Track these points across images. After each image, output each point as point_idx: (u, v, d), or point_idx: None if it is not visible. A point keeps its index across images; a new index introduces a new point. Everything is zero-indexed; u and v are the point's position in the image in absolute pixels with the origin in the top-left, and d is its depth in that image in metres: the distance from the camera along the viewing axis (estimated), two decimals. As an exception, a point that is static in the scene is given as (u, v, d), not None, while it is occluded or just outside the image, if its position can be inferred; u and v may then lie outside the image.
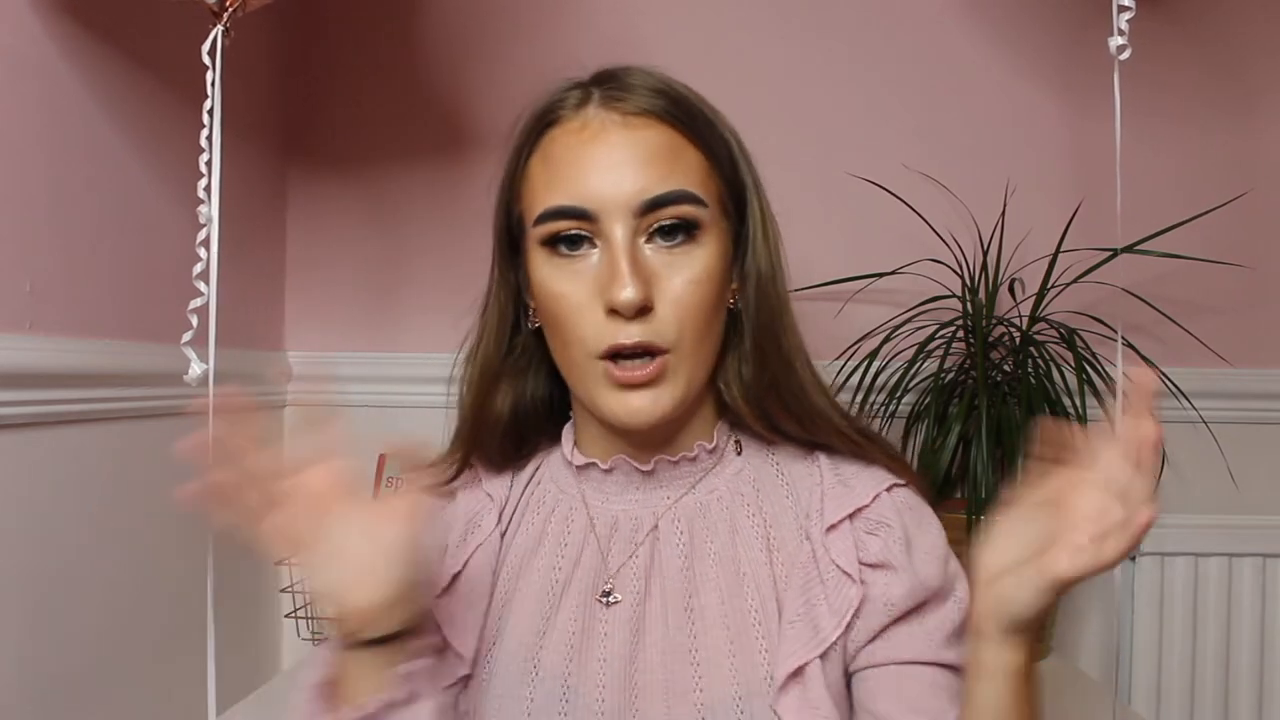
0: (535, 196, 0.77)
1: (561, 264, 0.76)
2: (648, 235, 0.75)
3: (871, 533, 0.78)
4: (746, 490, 0.82)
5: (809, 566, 0.77)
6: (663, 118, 0.76)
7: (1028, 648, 0.66)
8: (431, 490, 0.84)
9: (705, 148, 0.78)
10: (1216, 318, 1.60)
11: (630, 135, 0.75)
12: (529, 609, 0.80)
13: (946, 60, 1.64)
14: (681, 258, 0.75)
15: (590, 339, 0.74)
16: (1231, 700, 1.55)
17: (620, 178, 0.74)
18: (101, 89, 1.20)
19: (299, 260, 1.71)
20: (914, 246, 1.55)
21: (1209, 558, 1.55)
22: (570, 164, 0.75)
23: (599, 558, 0.80)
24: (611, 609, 0.78)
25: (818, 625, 0.75)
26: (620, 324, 0.73)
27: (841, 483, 0.80)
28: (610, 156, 0.74)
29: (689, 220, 0.75)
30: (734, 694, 0.74)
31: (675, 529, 0.80)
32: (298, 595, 1.50)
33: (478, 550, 0.82)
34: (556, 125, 0.77)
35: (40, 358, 1.07)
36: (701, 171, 0.77)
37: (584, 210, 0.74)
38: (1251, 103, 1.63)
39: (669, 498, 0.81)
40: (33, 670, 1.08)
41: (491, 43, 1.66)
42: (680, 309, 0.75)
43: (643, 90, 0.76)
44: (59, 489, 1.12)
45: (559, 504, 0.84)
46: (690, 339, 0.75)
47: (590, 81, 0.79)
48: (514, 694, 0.77)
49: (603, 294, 0.73)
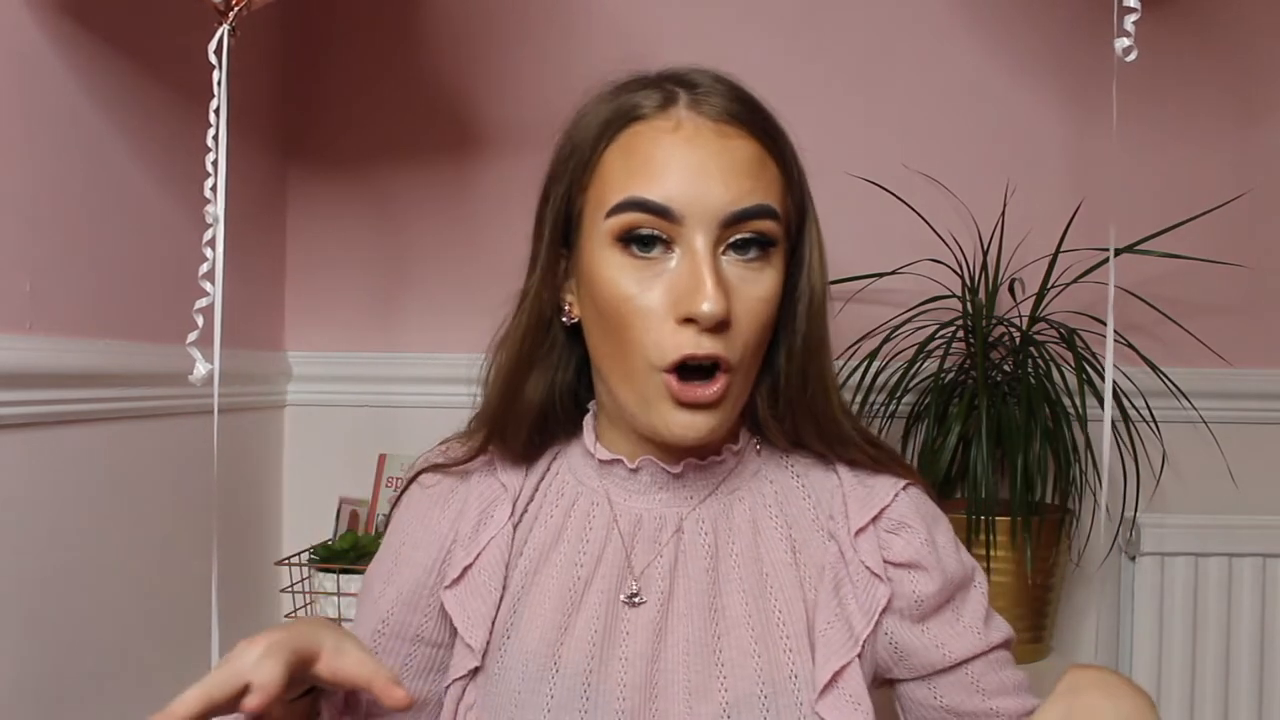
0: (612, 186, 0.74)
1: (633, 264, 0.73)
2: (725, 247, 0.73)
3: (893, 532, 0.80)
4: (767, 491, 0.82)
5: (838, 566, 0.79)
6: (750, 128, 0.75)
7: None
8: (444, 469, 0.84)
9: (782, 164, 0.77)
10: (1216, 318, 1.60)
11: (723, 143, 0.73)
12: (549, 604, 0.79)
13: (947, 60, 1.64)
14: (755, 274, 0.74)
15: (653, 348, 0.72)
16: (1231, 700, 1.55)
17: (711, 185, 0.72)
18: (101, 89, 1.20)
19: (299, 260, 1.71)
20: (914, 246, 1.55)
21: (1209, 558, 1.55)
22: (661, 162, 0.73)
23: (622, 556, 0.79)
24: (635, 609, 0.78)
25: (851, 625, 0.77)
26: (693, 335, 0.71)
27: (861, 484, 0.82)
28: (704, 161, 0.72)
29: (767, 236, 0.74)
30: (759, 692, 0.75)
31: (699, 529, 0.80)
32: (298, 595, 1.50)
33: (491, 543, 0.81)
34: (642, 121, 0.75)
35: (40, 358, 1.07)
36: (780, 187, 0.76)
37: (669, 209, 0.72)
38: (1251, 103, 1.63)
39: (693, 498, 0.81)
40: (32, 670, 1.08)
41: (494, 42, 1.65)
42: (750, 326, 0.74)
43: (726, 96, 0.75)
44: (59, 489, 1.12)
45: (579, 497, 0.83)
46: (750, 358, 0.75)
47: (662, 80, 0.77)
48: (534, 690, 0.76)
49: (679, 303, 0.71)
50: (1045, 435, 1.39)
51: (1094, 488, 1.51)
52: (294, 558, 1.52)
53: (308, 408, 1.69)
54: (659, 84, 0.76)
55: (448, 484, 0.85)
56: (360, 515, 1.61)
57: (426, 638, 0.83)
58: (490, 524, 0.82)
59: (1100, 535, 1.54)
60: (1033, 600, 1.42)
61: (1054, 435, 1.40)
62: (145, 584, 1.28)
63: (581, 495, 0.83)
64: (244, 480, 1.56)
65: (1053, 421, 1.40)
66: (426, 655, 0.83)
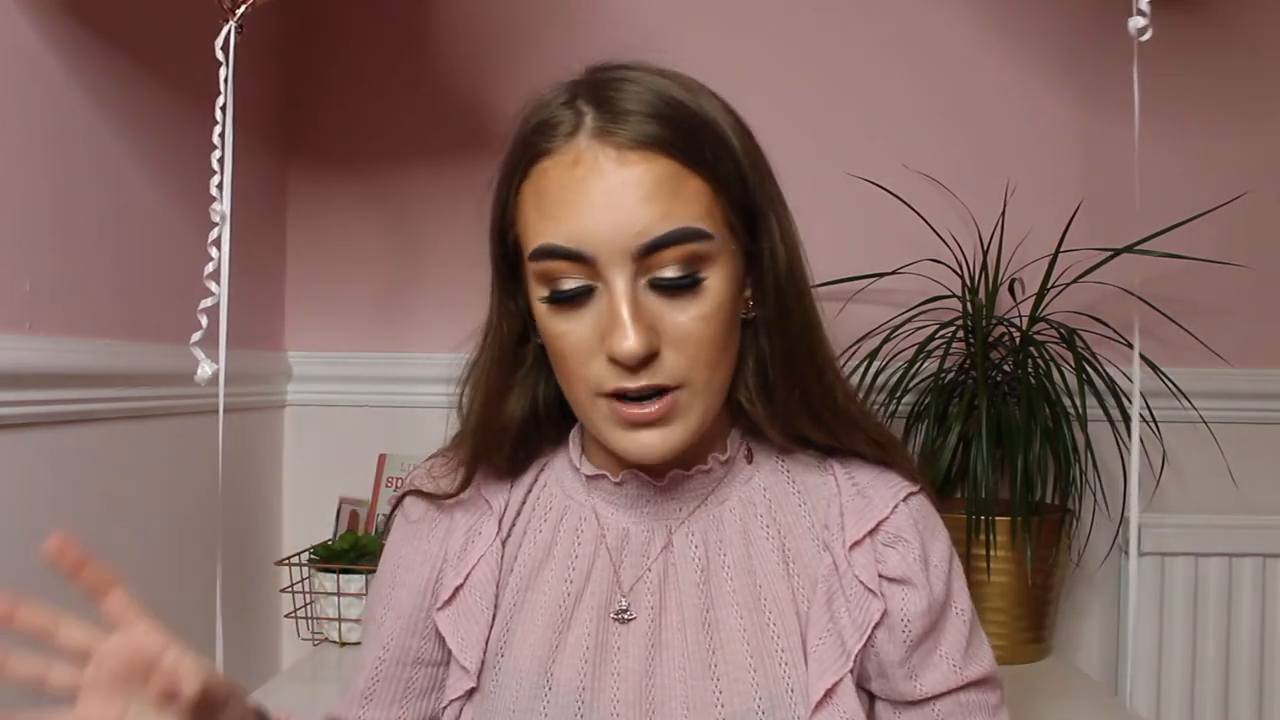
0: (529, 229, 0.72)
1: (560, 304, 0.72)
2: (650, 277, 0.70)
3: (890, 545, 0.78)
4: (759, 499, 0.80)
5: (831, 578, 0.77)
6: (661, 148, 0.70)
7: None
8: (433, 501, 0.83)
9: (709, 173, 0.71)
10: (1216, 318, 1.60)
11: (626, 173, 0.69)
12: (541, 621, 0.78)
13: (947, 60, 1.64)
14: (688, 299, 0.71)
15: (592, 379, 0.72)
16: (1231, 700, 1.55)
17: (616, 219, 0.68)
18: (102, 87, 1.20)
19: (299, 260, 1.71)
20: (914, 246, 1.55)
21: (1209, 558, 1.55)
22: (564, 202, 0.70)
23: (611, 572, 0.79)
24: (626, 625, 0.77)
25: (843, 640, 0.75)
26: (624, 370, 0.70)
27: (859, 493, 0.79)
28: (606, 196, 0.69)
29: (694, 257, 0.70)
30: (756, 707, 0.74)
31: (689, 543, 0.79)
32: (298, 595, 1.50)
33: (480, 561, 0.80)
34: (547, 156, 0.71)
35: (40, 358, 1.07)
36: (705, 200, 0.71)
37: (580, 253, 0.69)
38: (1252, 103, 1.63)
39: (681, 510, 0.80)
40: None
41: (496, 39, 1.65)
42: (690, 347, 0.71)
43: (639, 116, 0.70)
44: (59, 489, 1.12)
45: (568, 512, 0.82)
46: (703, 373, 0.72)
47: (582, 93, 0.73)
48: (528, 708, 0.76)
49: (603, 342, 0.70)
50: (1045, 435, 1.39)
51: (1094, 488, 1.51)
52: (294, 558, 1.52)
53: (308, 408, 1.69)
54: (572, 101, 0.72)
55: (435, 509, 0.84)
56: (360, 515, 1.61)
57: (427, 658, 0.83)
58: (478, 541, 0.81)
59: (1100, 535, 1.55)
60: (1033, 600, 1.42)
61: (1054, 435, 1.40)
62: (145, 584, 1.27)
63: (569, 510, 0.82)
64: (244, 480, 1.56)
65: (1053, 421, 1.40)
66: (428, 675, 0.83)
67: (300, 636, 1.52)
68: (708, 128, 0.72)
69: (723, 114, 0.74)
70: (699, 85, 0.75)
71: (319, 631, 1.50)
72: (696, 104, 0.72)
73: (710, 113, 0.73)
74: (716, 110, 0.74)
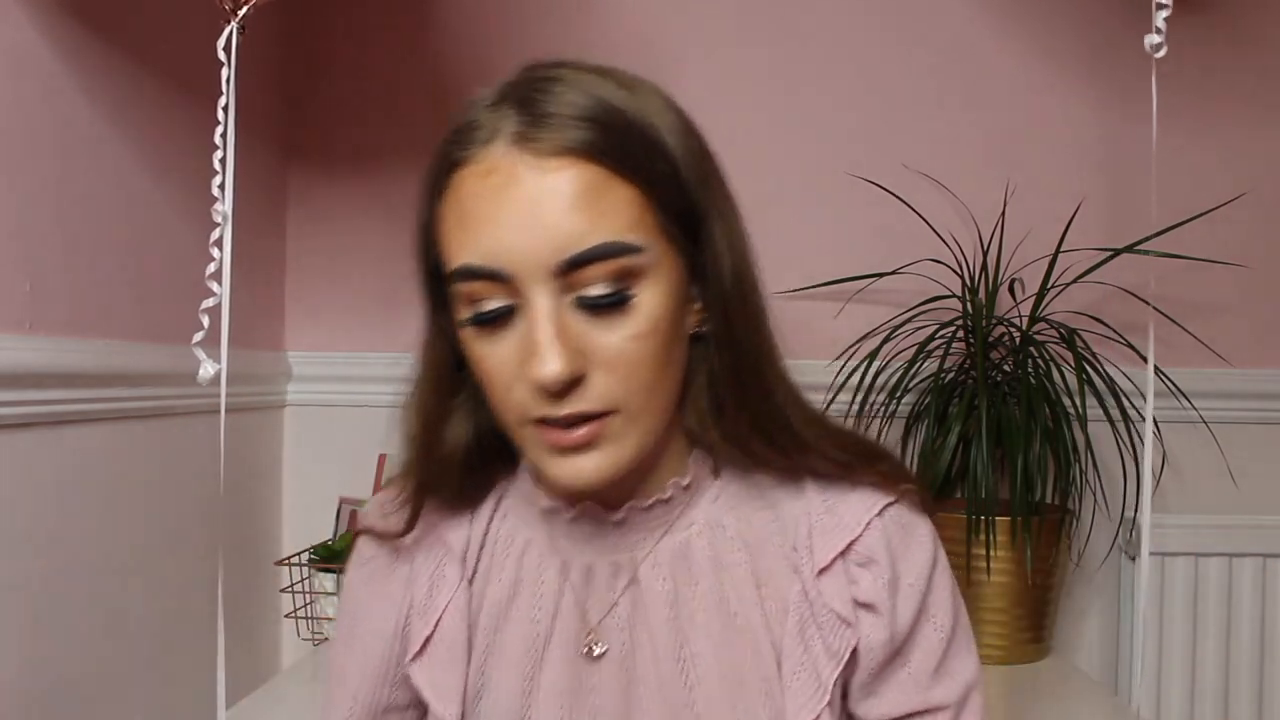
0: (449, 247, 0.67)
1: (482, 326, 0.67)
2: (576, 295, 0.64)
3: (863, 566, 0.73)
4: (727, 519, 0.75)
5: (801, 606, 0.73)
6: (585, 154, 0.64)
7: None
8: (385, 541, 0.79)
9: (640, 179, 0.65)
10: (1216, 318, 1.60)
11: (545, 182, 0.63)
12: (513, 662, 0.75)
13: (947, 60, 1.64)
14: (618, 317, 0.65)
15: (517, 406, 0.66)
16: (1231, 700, 1.55)
17: (534, 235, 0.63)
18: (103, 88, 1.20)
19: (299, 260, 1.71)
20: (914, 246, 1.56)
21: (1209, 558, 1.55)
22: (479, 216, 0.64)
23: (578, 610, 0.75)
24: (598, 663, 0.74)
25: (818, 672, 0.72)
26: (548, 397, 0.64)
27: (829, 510, 0.74)
28: (523, 208, 0.63)
29: (622, 273, 0.64)
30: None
31: (656, 575, 0.74)
32: (298, 595, 1.50)
33: (449, 607, 0.76)
34: (464, 165, 0.66)
35: (40, 358, 1.07)
36: (635, 209, 0.65)
37: (497, 272, 0.64)
38: (1252, 103, 1.63)
39: (645, 540, 0.75)
40: (33, 670, 1.08)
41: (496, 40, 1.65)
42: (622, 368, 0.65)
43: (563, 120, 0.64)
44: (59, 489, 1.12)
45: (530, 546, 0.77)
46: (639, 396, 0.66)
47: (510, 94, 0.67)
48: None
49: (523, 368, 0.64)
50: (1045, 435, 1.39)
51: (1094, 488, 1.51)
52: (294, 558, 1.52)
53: (308, 408, 1.69)
54: (498, 104, 0.67)
55: (389, 549, 0.80)
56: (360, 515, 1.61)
57: (399, 704, 0.80)
58: (443, 586, 0.77)
59: (1100, 535, 1.55)
60: (1033, 600, 1.42)
61: (1054, 435, 1.40)
62: (146, 583, 1.28)
63: (532, 544, 0.77)
64: (244, 480, 1.56)
65: (1053, 421, 1.40)
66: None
67: (300, 636, 1.52)
68: (640, 130, 0.66)
69: (662, 113, 0.68)
70: (639, 82, 0.70)
71: (319, 631, 1.50)
72: (632, 104, 0.67)
73: (646, 114, 0.67)
74: (655, 110, 0.68)
